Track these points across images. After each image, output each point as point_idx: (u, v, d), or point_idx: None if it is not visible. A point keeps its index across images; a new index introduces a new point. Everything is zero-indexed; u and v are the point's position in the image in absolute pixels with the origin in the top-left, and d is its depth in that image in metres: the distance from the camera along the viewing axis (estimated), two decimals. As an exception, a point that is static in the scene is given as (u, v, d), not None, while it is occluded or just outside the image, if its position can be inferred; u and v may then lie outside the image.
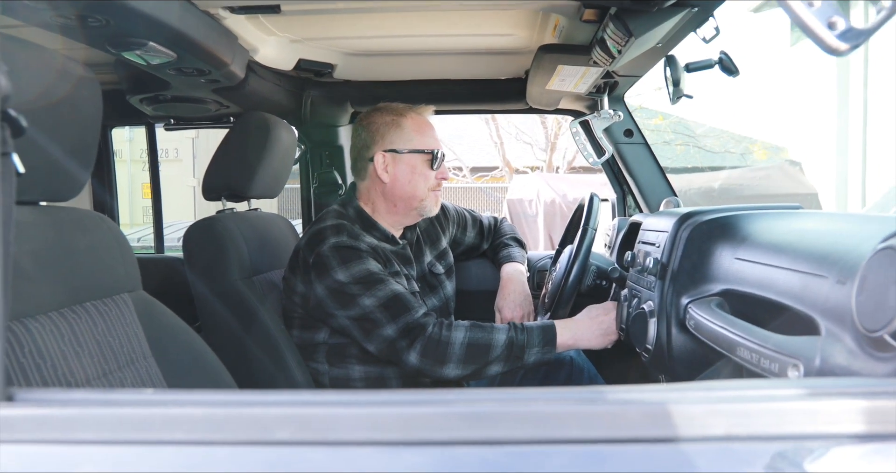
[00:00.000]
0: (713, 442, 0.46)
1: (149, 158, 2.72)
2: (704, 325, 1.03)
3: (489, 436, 0.46)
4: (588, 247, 1.69)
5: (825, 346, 0.72)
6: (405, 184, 1.71)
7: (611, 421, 0.47)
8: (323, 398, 0.50)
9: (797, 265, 0.87)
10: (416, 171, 1.72)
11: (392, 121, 1.72)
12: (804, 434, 0.46)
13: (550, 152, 11.86)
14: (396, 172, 1.71)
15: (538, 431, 0.46)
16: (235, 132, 1.83)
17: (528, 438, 0.46)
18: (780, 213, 1.21)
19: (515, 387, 1.90)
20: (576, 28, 1.60)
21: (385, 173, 1.70)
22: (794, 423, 0.47)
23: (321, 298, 1.57)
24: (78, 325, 1.02)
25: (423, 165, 1.72)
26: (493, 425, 0.47)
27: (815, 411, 0.47)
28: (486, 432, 0.46)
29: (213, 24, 1.57)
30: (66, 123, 1.04)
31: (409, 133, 1.72)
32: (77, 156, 1.08)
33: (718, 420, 0.47)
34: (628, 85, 2.07)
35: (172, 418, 0.48)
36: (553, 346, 1.55)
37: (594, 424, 0.46)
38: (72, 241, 1.09)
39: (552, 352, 1.55)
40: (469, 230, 2.12)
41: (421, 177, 1.72)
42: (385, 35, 1.92)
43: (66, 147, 1.05)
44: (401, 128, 1.71)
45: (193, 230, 1.70)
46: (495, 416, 0.47)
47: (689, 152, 13.10)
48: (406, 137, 1.71)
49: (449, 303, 1.90)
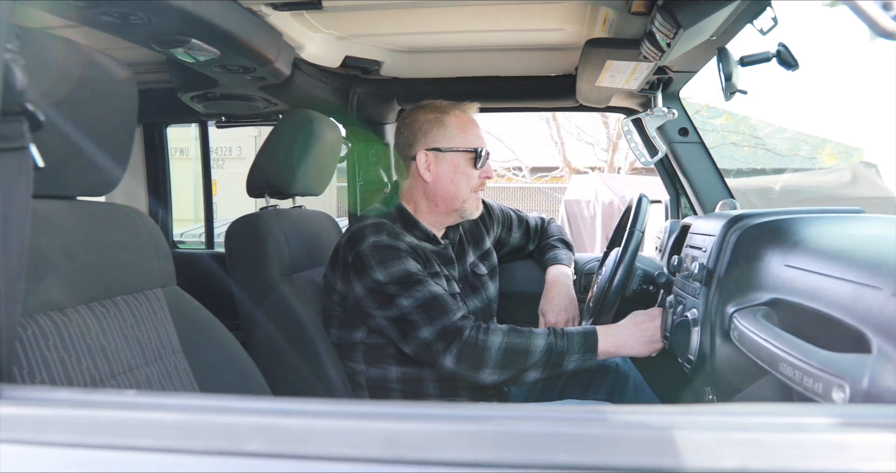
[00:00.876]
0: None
1: (201, 155, 2.77)
2: (748, 337, 0.96)
3: (473, 459, 0.42)
4: (634, 251, 1.62)
5: (876, 366, 0.65)
6: (447, 183, 1.68)
7: (608, 446, 0.42)
8: (300, 407, 0.47)
9: (849, 274, 0.80)
10: (459, 170, 1.68)
11: (435, 118, 1.69)
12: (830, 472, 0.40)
13: (612, 152, 11.62)
14: (439, 171, 1.68)
15: (525, 454, 0.42)
16: (279, 129, 1.84)
17: (514, 462, 0.42)
18: (838, 217, 1.12)
19: (523, 401, 1.86)
20: (626, 21, 1.54)
21: (427, 172, 1.68)
22: (820, 458, 0.41)
23: (359, 297, 1.56)
24: (106, 320, 1.03)
25: (467, 164, 1.69)
26: (477, 446, 0.43)
27: (847, 444, 0.41)
28: (470, 453, 0.43)
29: (256, 20, 1.57)
30: (102, 119, 1.05)
31: (453, 131, 1.68)
32: (112, 152, 1.09)
33: (731, 451, 0.42)
34: (683, 81, 1.98)
35: (144, 423, 0.46)
36: (594, 353, 1.49)
37: (589, 449, 0.42)
38: (105, 236, 1.10)
39: (593, 360, 1.50)
40: (514, 230, 2.07)
41: (464, 176, 1.69)
42: (431, 31, 1.90)
43: (102, 143, 1.06)
44: (444, 125, 1.68)
45: (235, 227, 1.71)
46: (480, 436, 0.43)
47: (757, 154, 12.61)
48: (449, 135, 1.68)
49: (491, 305, 1.86)
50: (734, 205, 1.94)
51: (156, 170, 2.71)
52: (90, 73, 1.03)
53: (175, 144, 2.92)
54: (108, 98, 1.06)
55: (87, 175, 1.06)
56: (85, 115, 1.01)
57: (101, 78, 1.04)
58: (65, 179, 1.03)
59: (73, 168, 1.03)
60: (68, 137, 0.99)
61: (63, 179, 1.03)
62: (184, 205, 8.50)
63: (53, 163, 0.99)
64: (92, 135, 1.03)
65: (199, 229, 6.47)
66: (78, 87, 1.00)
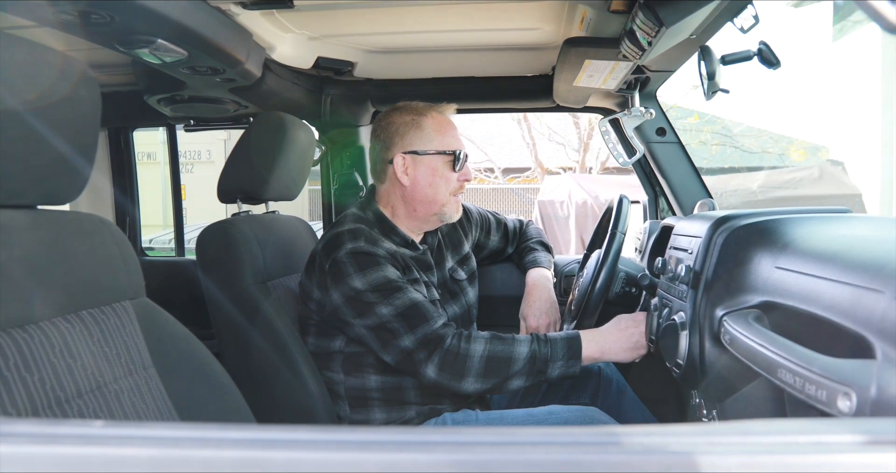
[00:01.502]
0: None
1: (170, 160, 2.70)
2: (741, 341, 0.93)
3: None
4: (616, 252, 1.60)
5: (882, 372, 0.63)
6: (426, 186, 1.64)
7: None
8: (288, 436, 0.43)
9: (847, 277, 0.78)
10: (438, 173, 1.65)
11: (412, 120, 1.65)
12: (866, 496, 0.38)
13: (583, 153, 11.70)
14: (417, 175, 1.64)
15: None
16: (251, 133, 1.78)
17: (525, 495, 0.38)
18: (827, 218, 1.11)
19: (506, 407, 1.83)
20: (604, 20, 1.52)
21: (405, 176, 1.64)
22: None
23: (337, 305, 1.51)
24: (71, 335, 0.97)
25: (445, 167, 1.65)
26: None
27: (882, 465, 0.39)
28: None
29: (225, 20, 1.52)
30: (63, 123, 0.99)
31: (430, 133, 1.65)
32: (75, 157, 1.03)
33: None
34: (661, 81, 1.97)
35: (113, 459, 0.41)
36: (578, 360, 1.47)
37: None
38: (69, 246, 1.04)
39: (577, 366, 1.47)
40: (493, 233, 2.04)
41: (442, 179, 1.65)
42: (406, 31, 1.86)
43: (64, 148, 1.00)
44: (421, 128, 1.64)
45: (207, 233, 1.65)
46: (487, 466, 0.40)
47: (726, 152, 12.80)
48: (427, 138, 1.64)
49: (471, 310, 1.82)
50: (713, 204, 1.93)
51: (122, 175, 2.63)
52: (49, 74, 0.97)
53: (142, 148, 2.84)
54: (69, 101, 1.00)
55: (48, 182, 1.01)
56: (44, 120, 0.96)
57: (61, 80, 0.99)
58: (24, 187, 0.97)
59: (33, 175, 0.97)
60: (27, 143, 0.93)
61: (22, 187, 0.97)
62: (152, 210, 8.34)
63: (11, 170, 0.94)
64: (52, 141, 0.98)
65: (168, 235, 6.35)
66: (36, 90, 0.94)
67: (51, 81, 0.98)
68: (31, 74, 0.94)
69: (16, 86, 0.91)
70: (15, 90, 0.91)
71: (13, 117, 0.90)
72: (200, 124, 2.40)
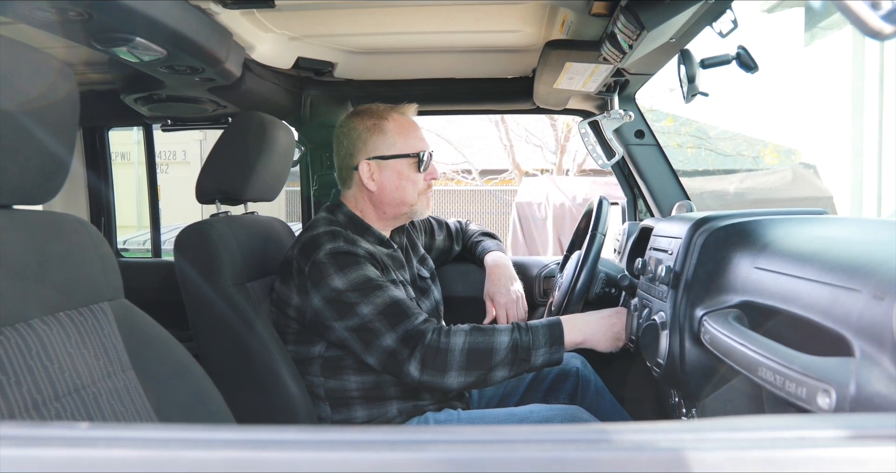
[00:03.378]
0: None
1: (146, 160, 2.66)
2: (721, 340, 0.95)
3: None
4: (596, 253, 1.62)
5: (861, 370, 0.64)
6: (393, 190, 1.65)
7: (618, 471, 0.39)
8: (279, 436, 0.42)
9: (825, 276, 0.79)
10: (404, 177, 1.64)
11: (373, 125, 1.65)
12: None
13: (560, 155, 11.76)
14: (383, 180, 1.64)
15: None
16: (230, 133, 1.76)
17: (519, 492, 0.38)
18: (804, 219, 1.13)
19: (485, 406, 1.84)
20: (585, 23, 1.53)
21: (371, 181, 1.64)
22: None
23: (318, 309, 1.50)
24: (48, 337, 0.95)
25: (410, 169, 1.65)
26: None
27: (864, 459, 0.40)
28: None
29: (204, 19, 1.51)
30: (41, 121, 0.98)
31: (393, 137, 1.64)
32: (52, 156, 1.01)
33: (747, 471, 0.39)
34: (639, 83, 1.99)
35: (100, 461, 0.41)
36: (561, 345, 1.47)
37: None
38: (45, 248, 1.02)
39: (560, 352, 1.47)
40: (437, 234, 2.07)
41: (409, 181, 1.65)
42: (387, 32, 1.86)
43: (41, 146, 0.98)
44: (383, 132, 1.64)
45: (185, 234, 1.63)
46: (480, 464, 0.40)
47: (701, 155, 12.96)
48: (390, 142, 1.64)
49: (439, 307, 1.84)
50: (690, 206, 1.96)
51: (97, 175, 2.58)
52: (26, 71, 0.95)
53: (115, 148, 2.79)
54: (47, 98, 0.99)
55: (24, 182, 0.99)
56: (21, 118, 0.94)
57: (37, 77, 0.97)
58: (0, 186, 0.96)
59: (9, 174, 0.95)
60: (2, 141, 0.92)
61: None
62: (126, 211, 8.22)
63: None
64: (29, 139, 0.96)
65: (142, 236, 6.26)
66: (12, 87, 0.92)
67: (27, 79, 0.96)
68: (7, 72, 0.93)
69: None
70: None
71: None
72: (178, 124, 2.37)
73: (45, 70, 0.99)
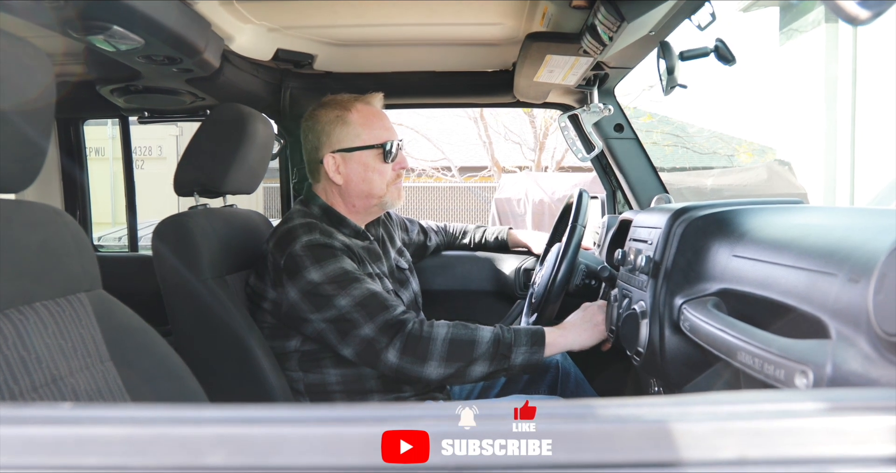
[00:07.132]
0: (725, 467, 0.40)
1: (122, 154, 2.62)
2: (700, 327, 0.96)
3: (461, 462, 0.39)
4: (577, 245, 1.63)
5: (837, 351, 0.66)
6: (360, 183, 1.63)
7: (605, 443, 0.40)
8: (268, 414, 0.42)
9: (801, 262, 0.80)
10: (370, 168, 1.63)
11: (336, 117, 1.63)
12: (830, 457, 0.39)
13: (539, 151, 11.82)
14: (349, 173, 1.63)
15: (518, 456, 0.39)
16: (209, 125, 1.74)
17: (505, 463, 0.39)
18: (781, 208, 1.15)
19: (495, 397, 1.85)
20: (565, 15, 1.54)
21: (337, 174, 1.62)
22: (819, 444, 0.40)
23: (294, 302, 1.49)
24: (25, 328, 0.94)
25: (376, 160, 1.63)
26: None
27: (843, 429, 0.41)
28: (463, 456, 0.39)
29: (183, 8, 1.49)
30: (15, 105, 0.96)
31: (357, 128, 1.62)
32: (28, 143, 0.99)
33: (730, 441, 0.40)
34: (619, 77, 2.01)
35: (86, 439, 0.40)
36: (541, 346, 1.48)
37: (585, 446, 0.39)
38: (21, 237, 1.01)
39: (540, 353, 1.48)
40: (410, 230, 2.09)
41: (375, 173, 1.63)
42: (367, 24, 1.85)
43: (15, 133, 0.97)
44: (347, 124, 1.62)
45: (163, 227, 1.61)
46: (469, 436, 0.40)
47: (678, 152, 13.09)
48: (354, 134, 1.62)
49: (418, 299, 1.84)
50: (669, 199, 1.98)
51: (72, 169, 2.54)
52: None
53: (90, 144, 2.75)
54: (21, 85, 0.97)
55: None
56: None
57: (12, 62, 0.95)
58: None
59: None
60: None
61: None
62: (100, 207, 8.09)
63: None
64: (3, 126, 0.94)
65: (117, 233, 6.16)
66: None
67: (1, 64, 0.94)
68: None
69: None
70: None
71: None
72: (155, 116, 2.34)
73: (19, 55, 0.97)
